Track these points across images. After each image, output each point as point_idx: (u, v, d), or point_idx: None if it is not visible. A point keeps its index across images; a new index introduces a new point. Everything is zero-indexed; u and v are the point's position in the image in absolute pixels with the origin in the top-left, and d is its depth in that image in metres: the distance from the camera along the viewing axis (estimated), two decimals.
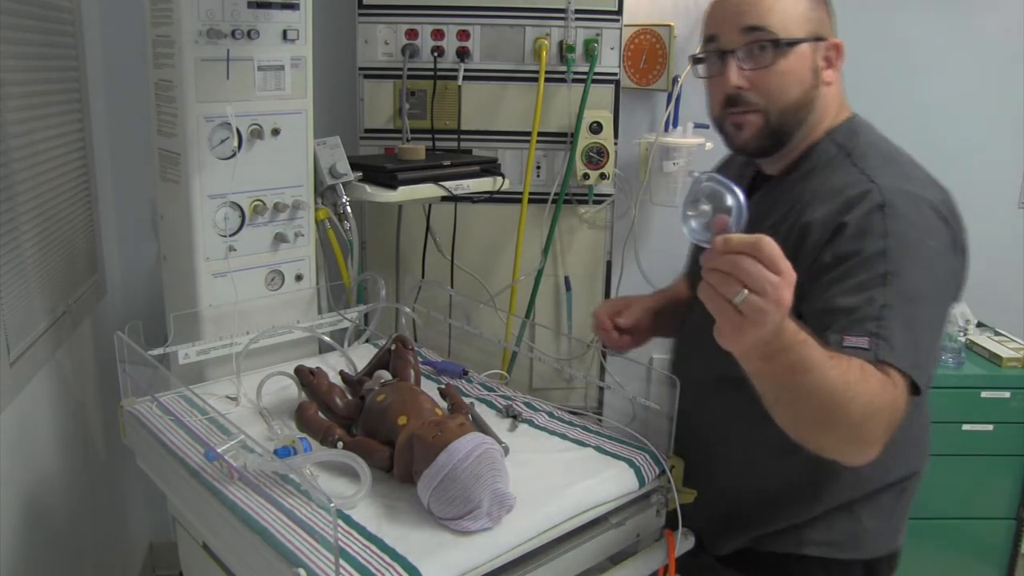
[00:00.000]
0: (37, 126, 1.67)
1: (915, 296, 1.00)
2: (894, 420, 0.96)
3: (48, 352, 1.67)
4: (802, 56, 1.12)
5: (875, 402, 0.93)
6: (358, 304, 1.73)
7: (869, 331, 0.97)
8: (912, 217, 1.04)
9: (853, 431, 0.95)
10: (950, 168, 2.62)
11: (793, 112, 1.13)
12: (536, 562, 1.03)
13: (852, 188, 1.07)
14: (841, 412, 0.92)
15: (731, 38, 1.12)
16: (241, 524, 1.00)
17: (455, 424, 1.04)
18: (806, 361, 0.89)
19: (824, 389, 0.91)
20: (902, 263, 1.00)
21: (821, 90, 1.15)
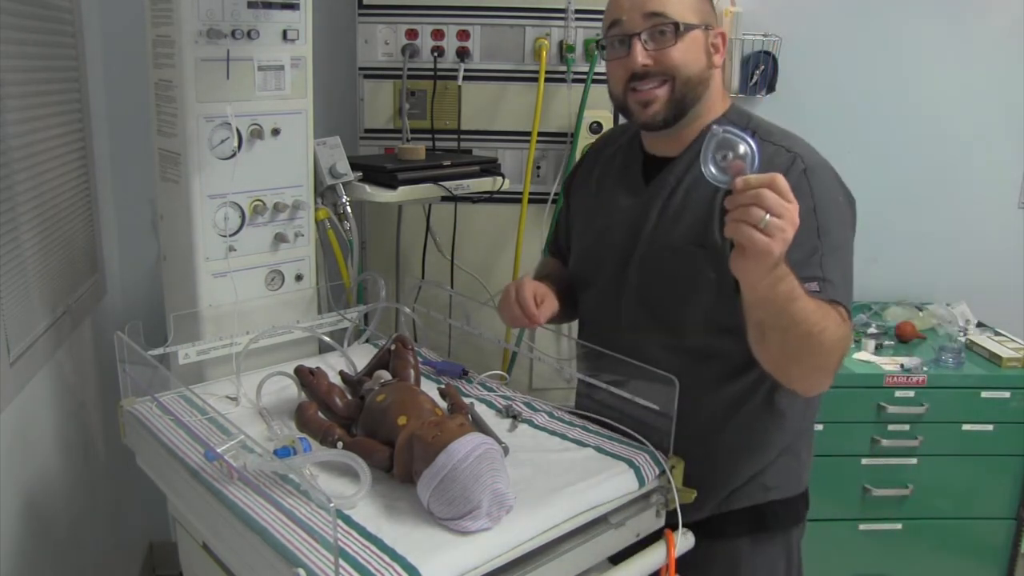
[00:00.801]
0: (37, 126, 1.67)
1: (839, 244, 1.20)
2: (846, 352, 1.16)
3: (48, 352, 1.67)
4: (696, 40, 1.25)
5: (837, 333, 1.11)
6: (358, 304, 1.73)
7: (816, 276, 1.15)
8: (826, 177, 1.23)
9: (824, 358, 1.12)
10: (950, 168, 2.67)
11: (694, 85, 1.26)
12: (536, 562, 1.03)
13: (778, 157, 1.22)
14: (816, 340, 1.09)
15: (635, 22, 1.24)
16: (241, 524, 1.00)
17: (455, 424, 1.04)
18: (796, 289, 1.06)
19: (808, 317, 1.07)
20: (827, 217, 1.19)
21: (714, 72, 1.28)
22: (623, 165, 1.39)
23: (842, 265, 1.20)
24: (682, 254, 1.25)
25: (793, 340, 1.09)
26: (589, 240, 1.41)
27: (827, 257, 1.17)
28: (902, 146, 2.53)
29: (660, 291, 1.29)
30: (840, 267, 1.19)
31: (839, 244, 1.20)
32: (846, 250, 1.22)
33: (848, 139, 2.50)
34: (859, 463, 2.19)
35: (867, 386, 2.14)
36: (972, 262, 2.59)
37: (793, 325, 1.08)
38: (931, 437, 2.17)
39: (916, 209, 2.56)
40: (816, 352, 1.11)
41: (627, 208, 1.34)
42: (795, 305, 1.06)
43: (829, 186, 1.23)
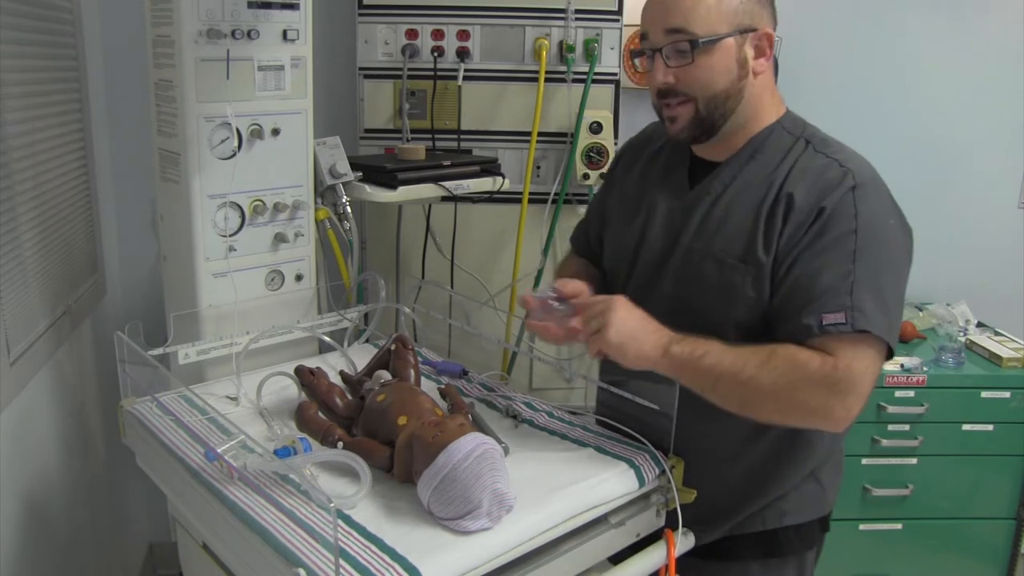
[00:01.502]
0: (37, 126, 1.67)
1: (879, 269, 1.12)
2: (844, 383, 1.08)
3: (48, 352, 1.67)
4: (726, 50, 1.16)
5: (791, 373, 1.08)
6: (358, 304, 1.73)
7: (844, 305, 1.09)
8: (877, 198, 1.16)
9: (778, 402, 1.09)
10: (950, 168, 2.67)
11: (721, 101, 1.19)
12: (536, 562, 1.03)
13: (829, 172, 1.16)
14: (752, 385, 1.08)
15: (658, 38, 1.18)
16: (241, 524, 1.00)
17: (455, 424, 1.04)
18: (699, 348, 1.10)
19: (726, 368, 1.09)
20: (868, 240, 1.11)
21: (750, 80, 1.19)
22: (668, 165, 1.32)
23: (881, 292, 1.11)
24: (723, 267, 1.19)
25: (728, 392, 1.11)
26: (627, 239, 1.34)
27: (860, 284, 1.10)
28: (902, 146, 2.52)
29: (694, 301, 1.23)
30: (877, 296, 1.10)
31: (880, 269, 1.12)
32: (890, 276, 1.14)
33: (848, 139, 2.48)
34: (859, 463, 2.19)
35: None
36: (972, 262, 2.59)
37: (718, 380, 1.09)
38: (931, 437, 2.17)
39: (916, 209, 2.52)
40: (759, 394, 1.09)
41: (668, 211, 1.28)
42: (706, 360, 1.09)
43: (878, 207, 1.15)
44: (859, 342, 1.09)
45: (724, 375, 1.09)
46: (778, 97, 1.26)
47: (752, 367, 1.08)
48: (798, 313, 1.12)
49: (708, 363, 1.09)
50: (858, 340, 1.09)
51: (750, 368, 1.08)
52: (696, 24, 1.14)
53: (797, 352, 1.09)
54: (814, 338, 1.10)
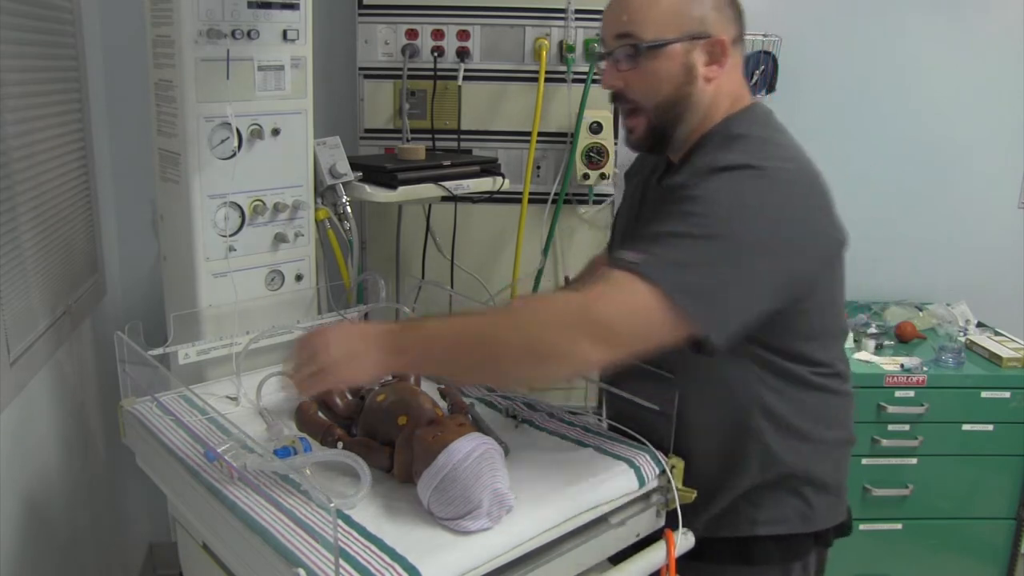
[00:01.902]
0: (37, 126, 1.67)
1: (709, 237, 1.04)
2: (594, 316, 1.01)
3: (48, 352, 1.67)
4: (672, 56, 1.15)
5: (539, 313, 1.05)
6: (358, 304, 1.73)
7: (644, 249, 1.04)
8: (743, 177, 1.08)
9: (527, 349, 1.02)
10: (950, 168, 2.67)
11: (669, 108, 1.18)
12: (536, 562, 1.03)
13: (706, 160, 1.13)
14: (497, 342, 1.03)
15: (609, 42, 1.19)
16: (241, 524, 1.00)
17: (455, 424, 1.04)
18: (431, 330, 1.07)
19: (466, 336, 1.05)
20: (706, 208, 1.06)
21: (699, 86, 1.17)
22: (652, 169, 1.34)
23: (694, 256, 1.04)
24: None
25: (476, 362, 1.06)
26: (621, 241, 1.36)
27: (674, 240, 1.04)
28: (902, 146, 2.53)
29: None
30: (687, 256, 1.04)
31: (706, 235, 1.04)
32: (717, 250, 1.04)
33: (848, 139, 2.50)
34: (859, 463, 2.18)
35: (867, 386, 2.14)
36: (972, 262, 2.59)
37: (461, 353, 1.05)
38: (931, 437, 2.17)
39: (916, 209, 2.56)
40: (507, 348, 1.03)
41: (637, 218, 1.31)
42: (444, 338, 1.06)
43: (739, 188, 1.08)
44: (635, 284, 1.01)
45: (462, 340, 1.05)
46: (742, 98, 1.23)
47: (493, 320, 1.07)
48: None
49: (440, 334, 1.05)
50: (635, 283, 1.01)
51: (490, 323, 1.07)
52: (644, 29, 1.15)
53: (550, 294, 1.07)
54: (603, 270, 1.06)
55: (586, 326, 1.01)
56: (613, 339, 1.01)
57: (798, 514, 1.27)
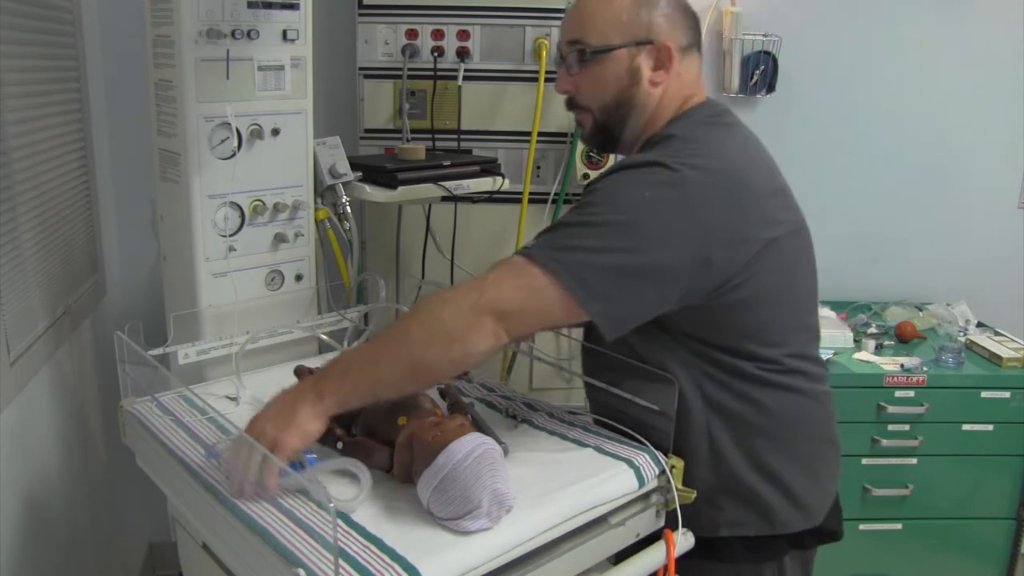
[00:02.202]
0: (37, 126, 1.67)
1: (597, 224, 1.09)
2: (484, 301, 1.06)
3: (48, 352, 1.67)
4: (617, 60, 1.22)
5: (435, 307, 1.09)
6: (358, 304, 1.73)
7: (538, 238, 1.12)
8: (644, 174, 1.12)
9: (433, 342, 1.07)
10: (950, 168, 2.67)
11: (613, 109, 1.24)
12: (536, 562, 1.03)
13: (623, 162, 1.19)
14: (406, 343, 1.08)
15: (563, 50, 1.27)
16: (241, 524, 1.00)
17: (454, 424, 1.04)
18: (340, 361, 1.11)
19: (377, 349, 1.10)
20: (599, 198, 1.12)
21: (643, 89, 1.22)
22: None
23: (581, 241, 1.08)
24: None
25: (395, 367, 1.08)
26: None
27: (567, 228, 1.11)
28: (902, 146, 2.53)
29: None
30: (576, 241, 1.08)
31: (596, 223, 1.09)
32: (603, 234, 1.08)
33: (848, 139, 2.50)
34: (859, 463, 2.18)
35: (867, 386, 2.14)
36: (972, 262, 2.59)
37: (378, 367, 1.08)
38: (931, 437, 2.17)
39: (916, 209, 2.56)
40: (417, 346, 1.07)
41: None
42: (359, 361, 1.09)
43: (638, 181, 1.11)
44: (525, 266, 1.08)
45: (379, 351, 1.09)
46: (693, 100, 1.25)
47: (399, 324, 1.11)
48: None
49: (357, 357, 1.10)
50: (525, 264, 1.08)
51: (397, 327, 1.11)
52: (591, 35, 1.22)
53: (450, 288, 1.12)
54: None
55: (484, 305, 1.06)
56: (511, 317, 1.07)
57: (760, 517, 1.25)
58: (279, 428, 1.04)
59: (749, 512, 1.25)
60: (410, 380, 1.10)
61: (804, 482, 1.27)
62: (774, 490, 1.25)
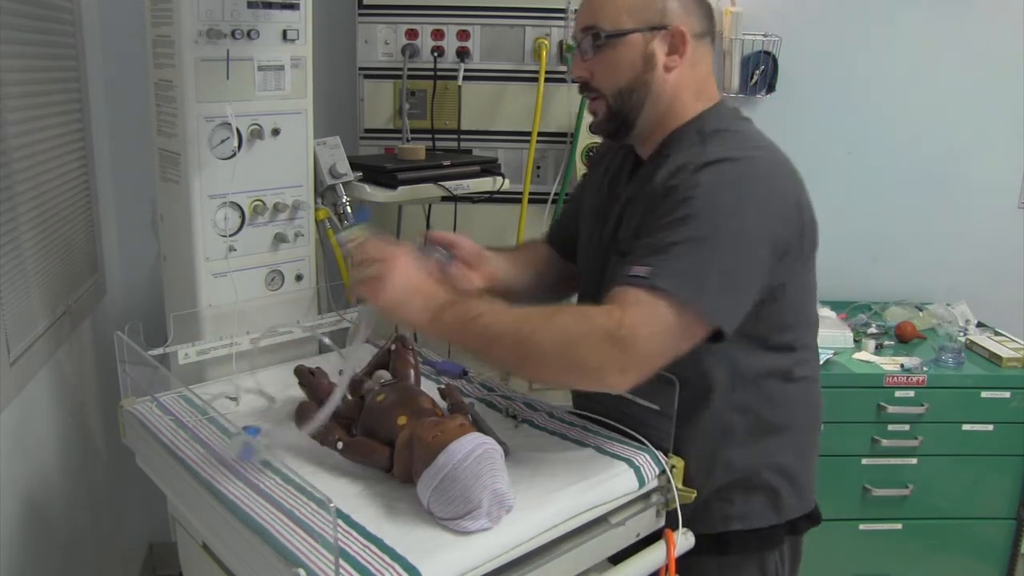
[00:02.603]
0: (37, 126, 1.67)
1: (708, 237, 1.08)
2: (626, 341, 1.03)
3: (48, 352, 1.67)
4: (631, 45, 1.21)
5: (570, 330, 1.04)
6: (358, 304, 1.73)
7: (652, 262, 1.07)
8: (727, 170, 1.13)
9: (556, 360, 1.04)
10: (950, 168, 2.67)
11: (628, 95, 1.23)
12: (536, 562, 1.03)
13: (689, 156, 1.17)
14: (529, 344, 1.04)
15: (577, 37, 1.26)
16: (241, 524, 1.00)
17: (455, 424, 1.04)
18: (473, 310, 1.07)
19: (501, 329, 1.06)
20: (701, 208, 1.09)
21: (658, 75, 1.22)
22: (620, 167, 1.37)
23: (701, 263, 1.08)
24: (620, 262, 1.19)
25: (497, 352, 1.08)
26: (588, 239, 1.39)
27: (678, 247, 1.07)
28: (902, 146, 2.53)
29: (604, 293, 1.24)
30: (695, 263, 1.08)
31: (708, 237, 1.08)
32: (721, 247, 1.09)
33: (848, 139, 2.50)
34: (859, 463, 2.19)
35: (867, 386, 2.14)
36: (972, 262, 2.59)
37: (491, 342, 1.06)
38: (931, 437, 2.17)
39: (916, 209, 2.56)
40: (537, 353, 1.05)
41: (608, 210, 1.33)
42: (478, 322, 1.06)
43: (725, 182, 1.12)
44: (655, 303, 1.04)
45: (501, 335, 1.06)
46: (707, 94, 1.26)
47: (532, 325, 1.05)
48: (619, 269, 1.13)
49: (482, 324, 1.06)
50: (654, 300, 1.04)
51: (529, 326, 1.05)
52: (604, 20, 1.21)
53: (584, 308, 1.09)
54: (617, 287, 1.08)
55: (617, 354, 1.03)
56: (641, 364, 1.05)
57: (769, 506, 1.29)
58: (397, 296, 1.09)
59: (759, 503, 1.28)
60: (518, 376, 1.14)
61: (802, 467, 1.32)
62: (782, 478, 1.29)
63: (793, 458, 1.30)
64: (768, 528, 1.30)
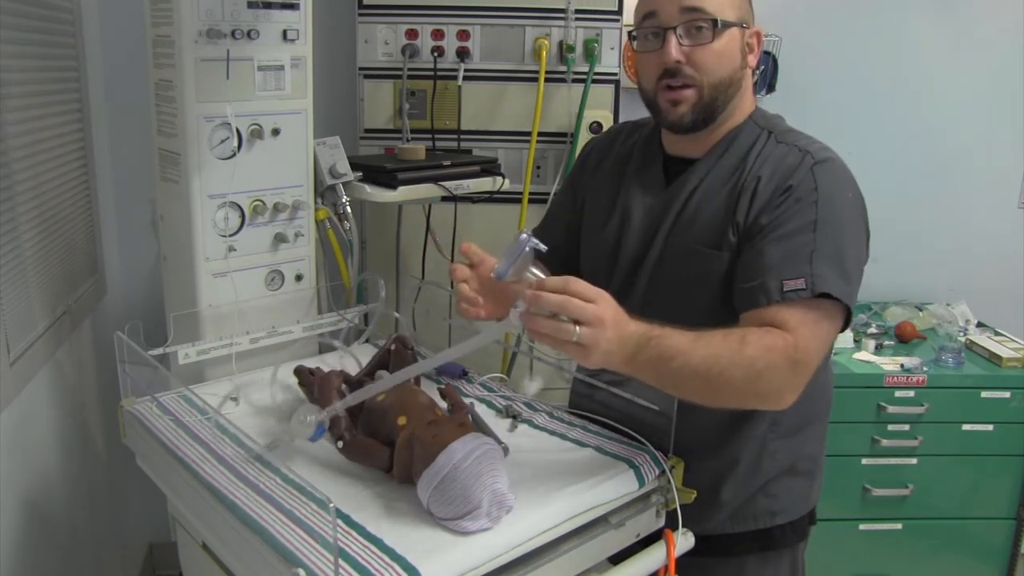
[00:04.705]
0: (37, 126, 1.67)
1: (839, 239, 1.15)
2: (803, 363, 1.08)
3: (48, 352, 1.67)
4: (733, 38, 1.22)
5: (758, 362, 1.05)
6: (358, 304, 1.73)
7: (804, 272, 1.12)
8: (836, 173, 1.20)
9: (745, 392, 1.08)
10: (950, 168, 2.67)
11: (724, 88, 1.23)
12: (536, 563, 1.02)
13: (789, 156, 1.21)
14: (721, 380, 1.04)
15: (671, 16, 1.20)
16: (240, 524, 1.00)
17: (454, 424, 1.04)
18: (667, 351, 1.02)
19: (694, 368, 1.03)
20: (829, 211, 1.15)
21: (747, 72, 1.26)
22: (641, 165, 1.35)
23: (842, 261, 1.14)
24: (697, 256, 1.22)
25: (692, 391, 1.06)
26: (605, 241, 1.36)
27: (820, 253, 1.13)
28: (902, 146, 2.53)
29: (667, 294, 1.26)
30: (838, 263, 1.14)
31: (840, 239, 1.15)
32: (850, 246, 1.17)
33: (848, 139, 2.48)
34: (859, 463, 2.19)
35: (867, 386, 2.14)
36: (972, 262, 2.59)
37: (681, 380, 1.05)
38: (931, 437, 2.17)
39: (916, 209, 2.56)
40: (726, 390, 1.06)
41: (646, 210, 1.30)
42: (673, 364, 1.02)
43: (838, 181, 1.19)
44: (816, 311, 1.11)
45: (693, 376, 1.05)
46: (751, 93, 1.31)
47: (722, 363, 1.04)
48: (758, 278, 1.14)
49: (675, 367, 1.04)
50: (815, 308, 1.11)
51: (719, 365, 1.04)
52: (712, 7, 1.19)
53: (762, 336, 1.07)
54: (772, 305, 1.11)
55: (795, 376, 1.09)
56: (809, 376, 1.11)
57: (803, 497, 1.35)
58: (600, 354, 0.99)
59: (796, 495, 1.33)
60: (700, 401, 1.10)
61: (823, 453, 1.38)
62: (814, 466, 1.35)
63: (819, 445, 1.36)
64: (799, 519, 1.35)
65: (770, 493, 1.31)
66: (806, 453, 1.33)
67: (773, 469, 1.30)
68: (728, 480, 1.29)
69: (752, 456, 1.28)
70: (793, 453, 1.31)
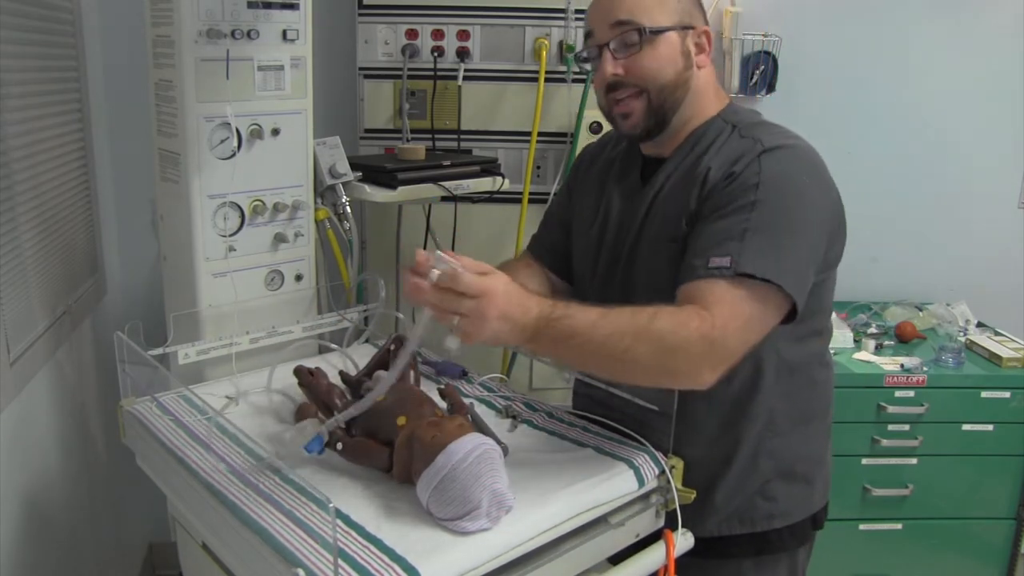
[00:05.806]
0: (37, 126, 1.67)
1: (780, 221, 1.13)
2: (719, 341, 1.05)
3: (48, 352, 1.67)
4: (669, 42, 1.23)
5: (668, 338, 1.04)
6: (358, 304, 1.73)
7: (731, 251, 1.10)
8: (784, 157, 1.17)
9: (655, 368, 1.06)
10: (950, 168, 2.67)
11: (671, 91, 1.24)
12: (535, 563, 1.03)
13: (742, 145, 1.20)
14: (627, 356, 1.04)
15: (604, 33, 1.24)
16: (240, 524, 1.00)
17: (454, 425, 1.04)
18: (567, 330, 1.03)
19: (598, 346, 1.03)
20: (768, 193, 1.13)
21: (694, 72, 1.26)
22: (623, 169, 1.38)
23: (777, 242, 1.12)
24: (660, 250, 1.24)
25: (597, 367, 1.08)
26: (589, 243, 1.39)
27: (754, 232, 1.10)
28: (902, 146, 2.53)
29: (642, 290, 1.27)
30: (772, 243, 1.11)
31: (781, 220, 1.13)
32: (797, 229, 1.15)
33: (848, 139, 2.50)
34: (859, 463, 2.18)
35: (867, 386, 2.14)
36: (972, 262, 2.59)
37: (586, 357, 1.06)
38: (931, 437, 2.17)
39: (916, 209, 2.56)
40: (634, 367, 1.06)
41: (621, 211, 1.34)
42: (574, 342, 1.03)
43: (789, 166, 1.17)
44: (741, 289, 1.08)
45: (596, 353, 1.05)
46: (722, 93, 1.32)
47: (626, 340, 1.04)
48: (690, 258, 1.14)
49: (576, 343, 1.04)
50: (738, 287, 1.08)
51: (623, 342, 1.04)
52: (641, 16, 1.21)
53: (676, 314, 1.06)
54: (695, 280, 1.10)
55: (712, 354, 1.06)
56: (730, 358, 1.08)
57: (804, 500, 1.34)
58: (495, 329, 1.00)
59: (797, 497, 1.32)
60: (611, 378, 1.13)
61: (828, 453, 1.38)
62: (817, 467, 1.35)
63: (824, 444, 1.36)
64: (800, 523, 1.33)
65: (769, 496, 1.30)
66: (805, 453, 1.33)
67: (770, 470, 1.29)
68: (723, 480, 1.28)
69: (748, 455, 1.28)
70: (791, 453, 1.30)
